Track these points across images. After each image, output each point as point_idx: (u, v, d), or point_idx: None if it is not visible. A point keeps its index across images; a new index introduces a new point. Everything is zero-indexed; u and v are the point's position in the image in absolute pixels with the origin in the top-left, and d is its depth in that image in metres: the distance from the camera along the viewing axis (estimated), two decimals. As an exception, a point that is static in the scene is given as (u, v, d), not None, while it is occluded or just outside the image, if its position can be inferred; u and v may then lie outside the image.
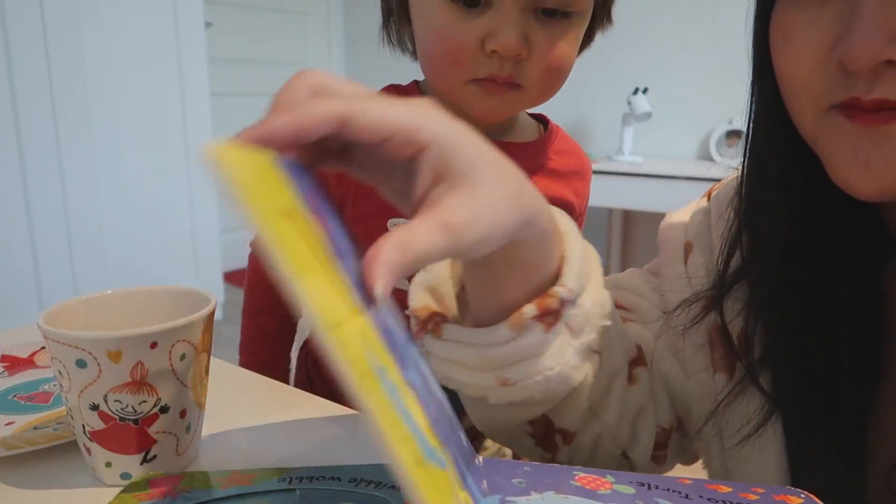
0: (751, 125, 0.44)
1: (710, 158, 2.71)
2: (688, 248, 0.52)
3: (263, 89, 3.36)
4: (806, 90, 0.38)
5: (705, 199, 0.54)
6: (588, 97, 3.10)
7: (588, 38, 0.64)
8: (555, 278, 0.41)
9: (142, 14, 2.27)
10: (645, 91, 2.66)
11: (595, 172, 2.94)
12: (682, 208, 0.56)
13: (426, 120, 0.32)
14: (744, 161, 0.45)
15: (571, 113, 3.16)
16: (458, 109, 0.55)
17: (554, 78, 0.59)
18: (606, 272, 0.46)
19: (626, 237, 3.08)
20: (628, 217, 3.06)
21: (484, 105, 0.59)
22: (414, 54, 0.66)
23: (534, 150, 0.67)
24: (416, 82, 0.69)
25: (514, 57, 0.56)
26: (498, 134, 0.66)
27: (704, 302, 0.48)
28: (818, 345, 0.43)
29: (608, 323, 0.45)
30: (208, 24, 2.58)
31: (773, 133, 0.42)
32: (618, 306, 0.52)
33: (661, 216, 0.57)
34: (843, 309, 0.42)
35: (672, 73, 2.78)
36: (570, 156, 0.70)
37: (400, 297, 0.37)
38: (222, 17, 3.08)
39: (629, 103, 2.67)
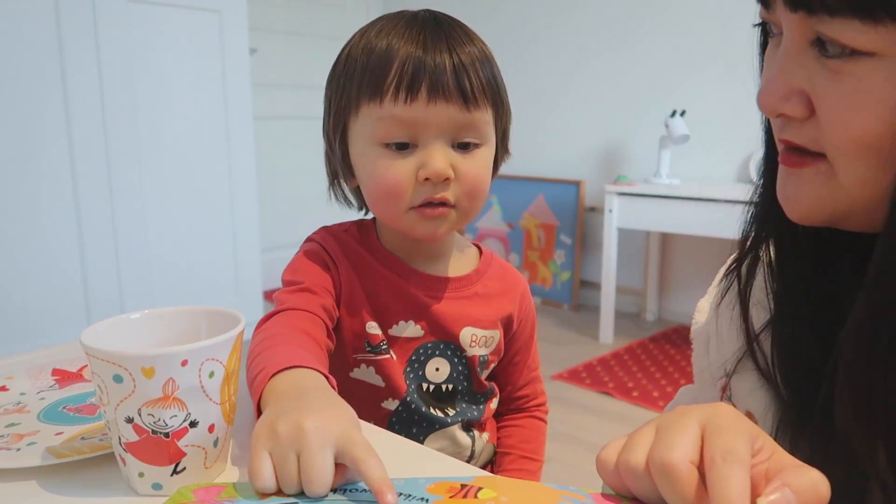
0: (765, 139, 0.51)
1: (750, 181, 2.66)
2: (709, 340, 0.58)
3: (305, 113, 3.44)
4: (772, 125, 0.46)
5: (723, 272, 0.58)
6: (625, 120, 3.10)
7: (495, 166, 0.76)
8: None
9: (189, 41, 2.36)
10: (682, 114, 2.65)
11: (632, 195, 2.87)
12: (707, 295, 0.61)
13: None
14: (761, 171, 0.52)
15: (609, 136, 3.16)
16: (404, 237, 0.74)
17: (476, 196, 0.71)
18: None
19: (664, 260, 3.05)
20: (666, 240, 3.03)
21: (424, 228, 0.70)
22: (359, 207, 0.79)
23: (469, 282, 0.78)
24: (356, 222, 0.78)
25: (444, 181, 0.68)
26: (437, 267, 0.77)
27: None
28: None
29: None
30: (253, 51, 2.67)
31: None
32: None
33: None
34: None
35: (710, 95, 2.76)
36: (501, 280, 0.80)
37: None
38: (267, 44, 3.17)
39: (667, 126, 2.65)
